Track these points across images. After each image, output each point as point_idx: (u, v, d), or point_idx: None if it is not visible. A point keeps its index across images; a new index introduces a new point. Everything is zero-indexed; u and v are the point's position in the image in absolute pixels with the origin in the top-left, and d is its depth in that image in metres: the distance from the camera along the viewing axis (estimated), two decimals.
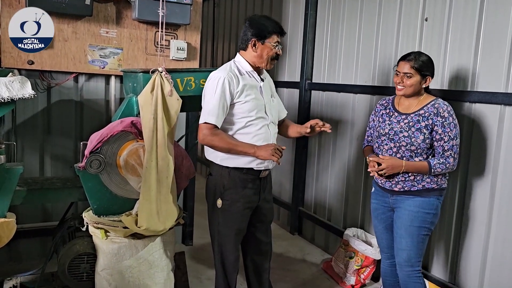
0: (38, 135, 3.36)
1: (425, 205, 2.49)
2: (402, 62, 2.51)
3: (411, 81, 2.47)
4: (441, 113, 2.42)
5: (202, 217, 4.74)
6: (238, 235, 2.54)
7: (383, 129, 2.58)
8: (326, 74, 4.20)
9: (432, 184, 2.49)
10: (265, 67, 2.49)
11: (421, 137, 2.44)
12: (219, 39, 6.57)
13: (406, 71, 2.47)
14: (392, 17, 3.43)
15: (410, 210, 2.50)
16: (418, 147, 2.45)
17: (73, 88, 3.40)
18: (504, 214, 2.67)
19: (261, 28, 2.43)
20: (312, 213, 4.41)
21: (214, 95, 2.35)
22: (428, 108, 2.46)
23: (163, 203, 2.48)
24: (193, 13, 3.48)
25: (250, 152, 2.36)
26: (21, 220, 3.19)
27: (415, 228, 2.50)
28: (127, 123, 2.52)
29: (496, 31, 2.68)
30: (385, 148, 2.56)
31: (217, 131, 2.36)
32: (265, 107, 2.47)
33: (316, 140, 4.34)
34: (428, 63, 2.49)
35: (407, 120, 2.49)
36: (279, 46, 2.46)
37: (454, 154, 2.44)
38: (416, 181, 2.49)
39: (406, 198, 2.52)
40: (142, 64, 3.44)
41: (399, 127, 2.51)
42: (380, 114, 2.67)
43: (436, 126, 2.43)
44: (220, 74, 2.39)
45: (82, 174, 2.48)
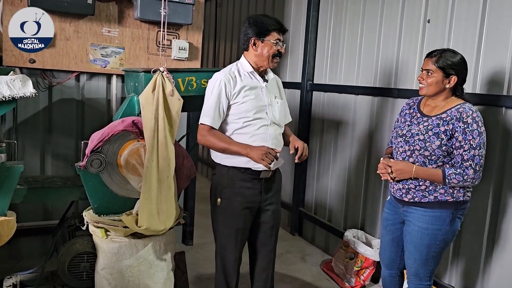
0: (39, 134, 3.36)
1: (435, 221, 2.28)
2: (426, 59, 2.32)
3: (431, 79, 2.27)
4: (464, 119, 2.19)
5: (203, 216, 4.75)
6: (238, 235, 2.52)
7: (402, 130, 2.40)
8: (328, 75, 4.20)
9: (446, 196, 2.27)
10: (267, 65, 2.47)
11: (437, 142, 2.23)
12: (221, 39, 6.57)
13: (427, 67, 2.28)
14: (394, 18, 3.43)
15: (420, 226, 2.32)
16: (432, 153, 2.24)
17: (75, 87, 3.41)
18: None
19: (260, 26, 2.42)
20: (313, 214, 4.40)
21: (211, 96, 2.41)
22: (452, 112, 2.24)
23: (164, 202, 2.48)
24: (195, 13, 3.48)
25: (243, 153, 2.36)
26: (21, 219, 3.19)
27: (425, 246, 2.32)
28: (128, 122, 2.52)
29: (499, 33, 2.68)
30: (400, 151, 2.38)
31: (213, 131, 2.40)
32: (266, 107, 2.46)
33: (317, 141, 4.33)
34: (455, 61, 2.25)
35: (427, 123, 2.29)
36: (280, 43, 2.45)
37: (476, 165, 2.18)
38: (428, 191, 2.29)
39: (416, 211, 2.33)
40: (144, 63, 3.44)
41: (417, 129, 2.32)
42: (404, 114, 2.48)
43: (457, 132, 2.20)
44: (218, 76, 2.43)
45: (83, 173, 2.48)
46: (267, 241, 2.65)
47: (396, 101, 3.38)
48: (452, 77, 2.27)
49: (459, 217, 2.33)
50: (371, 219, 3.68)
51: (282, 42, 2.47)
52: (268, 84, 2.52)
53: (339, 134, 4.05)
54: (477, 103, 2.76)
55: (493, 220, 2.73)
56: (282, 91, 2.66)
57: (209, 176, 6.83)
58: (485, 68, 2.76)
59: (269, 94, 2.50)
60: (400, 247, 2.51)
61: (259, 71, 2.50)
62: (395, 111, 3.35)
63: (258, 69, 2.49)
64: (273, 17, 2.52)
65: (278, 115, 2.52)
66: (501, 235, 2.69)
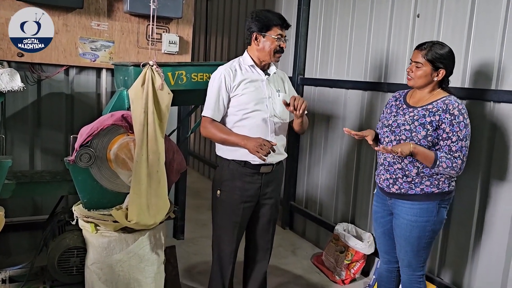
0: (28, 128, 3.33)
1: (423, 213, 2.33)
2: (415, 51, 2.34)
3: (420, 72, 2.30)
4: (450, 110, 2.23)
5: (194, 211, 4.76)
6: (236, 228, 2.55)
7: (387, 120, 2.44)
8: (319, 70, 4.20)
9: (432, 188, 2.31)
10: (269, 60, 2.49)
11: (423, 132, 2.26)
12: (212, 33, 6.54)
13: (417, 60, 2.31)
14: (384, 13, 3.44)
15: (408, 219, 2.35)
16: (418, 142, 2.27)
17: (64, 81, 3.38)
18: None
19: (263, 21, 2.44)
20: (303, 207, 4.42)
21: (212, 89, 2.46)
22: (438, 103, 2.28)
23: (154, 197, 2.48)
24: (185, 7, 3.46)
25: (241, 144, 2.37)
26: (10, 214, 3.19)
27: (415, 238, 2.36)
28: (117, 116, 2.51)
29: (488, 27, 2.70)
30: (386, 141, 2.42)
31: (214, 123, 2.45)
32: (266, 100, 2.47)
33: (308, 135, 4.35)
34: (443, 55, 2.28)
35: (413, 114, 2.32)
36: (282, 39, 2.46)
37: (463, 156, 2.24)
38: (414, 184, 2.33)
39: (403, 204, 2.37)
40: (134, 57, 3.42)
41: (403, 119, 2.35)
42: (390, 105, 2.52)
43: (444, 123, 2.24)
44: (220, 69, 2.49)
45: (72, 168, 2.47)
46: (264, 234, 2.68)
47: (386, 95, 3.40)
48: (441, 70, 2.30)
49: (444, 207, 2.38)
50: (361, 213, 3.70)
51: (285, 38, 2.48)
52: (270, 78, 2.54)
53: (329, 128, 4.06)
54: (465, 97, 2.79)
55: (480, 211, 2.78)
56: (288, 86, 2.66)
57: (200, 170, 6.83)
58: (473, 62, 2.79)
59: (270, 87, 2.51)
60: (392, 239, 2.54)
61: (261, 66, 2.52)
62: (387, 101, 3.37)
63: (260, 63, 2.51)
64: (276, 13, 2.54)
65: (279, 108, 2.51)
66: (488, 224, 2.74)
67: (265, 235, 2.67)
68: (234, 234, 2.55)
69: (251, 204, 2.54)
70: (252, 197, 2.52)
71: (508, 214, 2.61)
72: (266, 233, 2.68)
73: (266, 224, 2.65)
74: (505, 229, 2.64)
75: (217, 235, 2.60)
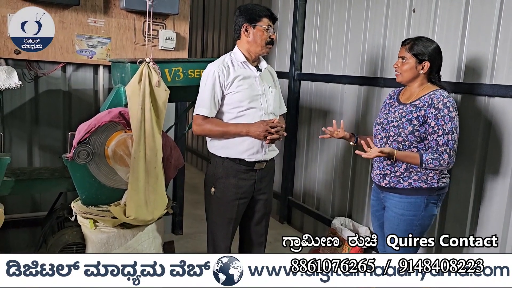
0: (26, 125, 3.35)
1: (410, 207, 2.35)
2: (401, 47, 2.38)
3: (405, 66, 2.35)
4: (435, 104, 2.25)
5: (192, 207, 4.78)
6: (230, 224, 2.56)
7: (380, 118, 2.49)
8: (316, 65, 4.21)
9: (420, 182, 2.33)
10: (261, 51, 2.48)
11: (409, 128, 2.30)
12: (209, 29, 6.54)
13: (402, 55, 2.36)
14: (380, 8, 3.45)
15: (396, 212, 2.39)
16: (405, 138, 2.32)
17: (61, 78, 3.39)
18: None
19: (251, 13, 2.44)
20: (301, 202, 4.45)
21: (205, 87, 2.42)
22: (424, 98, 2.31)
23: (151, 193, 2.50)
24: (182, 3, 3.46)
25: (243, 132, 2.38)
26: (9, 211, 3.20)
27: (402, 231, 2.35)
28: (115, 113, 2.53)
29: (482, 21, 2.71)
30: (378, 138, 2.47)
31: (209, 119, 2.41)
32: (260, 97, 2.47)
33: (305, 130, 4.37)
34: (427, 47, 2.32)
35: (402, 110, 2.36)
36: (272, 29, 2.46)
37: (450, 150, 2.25)
38: (402, 178, 2.36)
39: (393, 197, 2.41)
40: (131, 54, 3.43)
41: (392, 117, 2.40)
42: (385, 104, 2.56)
43: (429, 118, 2.26)
44: (212, 67, 2.45)
45: (70, 165, 2.49)
46: (258, 228, 2.70)
47: (382, 90, 3.42)
48: (425, 62, 2.33)
49: (433, 203, 2.39)
50: (358, 207, 3.73)
51: (273, 30, 2.48)
52: (262, 74, 2.53)
53: (326, 123, 4.07)
54: (460, 91, 2.81)
55: (475, 206, 2.79)
56: (276, 80, 2.67)
57: (198, 166, 6.85)
58: (468, 57, 2.80)
59: (263, 83, 2.51)
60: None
61: (252, 60, 2.51)
62: (381, 100, 3.38)
63: (251, 57, 2.50)
64: (263, 5, 2.55)
65: (273, 105, 2.53)
66: (483, 219, 2.76)
67: (259, 230, 2.70)
68: (229, 230, 2.56)
69: (246, 200, 2.55)
70: (247, 193, 2.53)
71: (503, 208, 2.63)
72: (260, 227, 2.70)
73: (260, 218, 2.67)
74: (499, 224, 2.66)
75: (212, 231, 2.60)
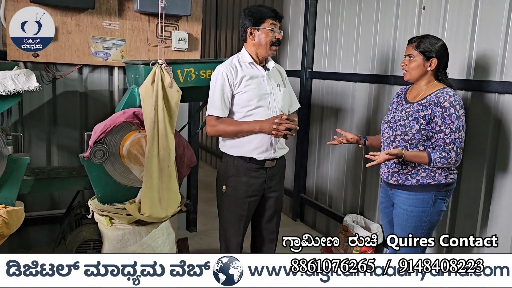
0: (45, 126, 3.44)
1: (419, 203, 2.38)
2: (408, 45, 2.40)
3: (413, 64, 2.36)
4: (442, 103, 2.26)
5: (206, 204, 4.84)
6: (241, 221, 2.60)
7: (387, 117, 2.51)
8: (327, 63, 4.24)
9: (428, 179, 2.35)
10: (266, 53, 2.51)
11: (416, 127, 2.32)
12: (222, 29, 6.59)
13: (409, 53, 2.38)
14: (390, 6, 3.46)
15: (405, 209, 2.41)
16: (412, 137, 2.34)
17: (78, 80, 3.47)
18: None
19: (255, 16, 2.47)
20: (314, 199, 4.48)
21: (215, 88, 2.47)
22: (431, 97, 2.32)
23: (165, 191, 2.56)
24: (194, 4, 3.52)
25: (255, 129, 2.43)
26: (29, 208, 3.29)
27: (411, 228, 2.39)
28: (129, 114, 2.59)
29: (492, 18, 2.71)
30: (385, 137, 2.50)
31: (221, 119, 2.46)
32: (268, 96, 2.51)
33: (317, 128, 4.39)
34: (434, 44, 2.34)
35: (409, 109, 2.38)
36: (277, 29, 2.48)
37: (457, 148, 2.27)
38: (410, 175, 2.38)
39: (401, 194, 2.43)
40: (145, 55, 3.50)
41: (399, 115, 2.41)
42: (392, 102, 2.59)
43: (436, 117, 2.28)
44: (220, 68, 2.50)
45: (87, 164, 2.57)
46: (269, 225, 2.73)
47: (393, 88, 3.43)
48: (433, 59, 2.34)
49: (442, 199, 2.40)
50: (369, 204, 3.75)
51: (280, 29, 2.51)
52: (270, 73, 2.56)
53: (338, 121, 4.10)
54: (470, 88, 2.81)
55: (486, 203, 2.79)
56: (285, 79, 2.70)
57: (212, 164, 6.92)
58: (478, 54, 2.80)
59: (271, 82, 2.54)
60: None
61: (259, 61, 2.55)
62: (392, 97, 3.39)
63: (258, 58, 2.54)
64: (267, 6, 2.58)
65: (281, 103, 2.56)
66: (493, 216, 2.77)
67: (270, 227, 2.73)
68: (240, 227, 2.61)
69: (257, 198, 2.60)
70: (257, 191, 2.58)
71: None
72: (272, 224, 2.73)
73: (271, 216, 2.70)
74: (510, 220, 2.66)
75: (224, 228, 2.66)
